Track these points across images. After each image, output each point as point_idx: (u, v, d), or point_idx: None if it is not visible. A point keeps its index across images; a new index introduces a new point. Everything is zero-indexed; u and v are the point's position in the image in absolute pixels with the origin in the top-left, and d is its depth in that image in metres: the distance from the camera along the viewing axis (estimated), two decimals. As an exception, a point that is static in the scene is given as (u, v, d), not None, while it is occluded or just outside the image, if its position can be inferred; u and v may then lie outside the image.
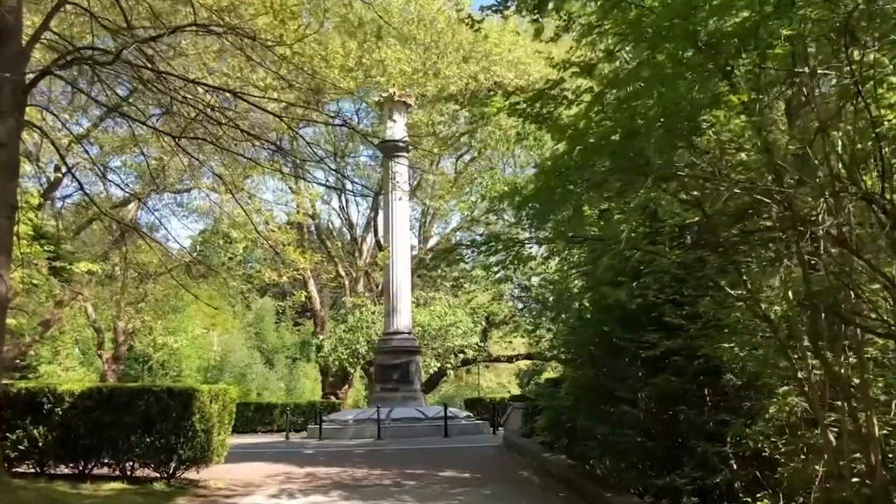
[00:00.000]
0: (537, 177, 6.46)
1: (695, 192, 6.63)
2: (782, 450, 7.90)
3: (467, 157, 33.58)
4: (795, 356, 6.84)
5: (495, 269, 9.98)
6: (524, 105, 6.69)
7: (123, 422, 10.50)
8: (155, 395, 10.56)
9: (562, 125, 5.55)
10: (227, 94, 9.82)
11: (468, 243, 8.30)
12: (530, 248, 8.28)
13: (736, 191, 5.38)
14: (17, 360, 39.23)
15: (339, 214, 38.80)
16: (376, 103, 25.15)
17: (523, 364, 49.34)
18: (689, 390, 9.13)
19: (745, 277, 6.79)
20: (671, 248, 7.37)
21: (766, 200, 5.26)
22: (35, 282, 18.71)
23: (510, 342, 36.97)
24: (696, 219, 7.19)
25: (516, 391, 55.04)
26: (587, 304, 10.13)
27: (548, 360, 33.63)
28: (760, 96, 4.75)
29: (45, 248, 16.86)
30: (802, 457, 7.68)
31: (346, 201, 37.43)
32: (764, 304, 7.06)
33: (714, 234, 6.82)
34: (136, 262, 26.15)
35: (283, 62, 8.29)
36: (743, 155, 5.63)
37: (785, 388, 8.16)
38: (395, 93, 23.79)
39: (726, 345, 7.68)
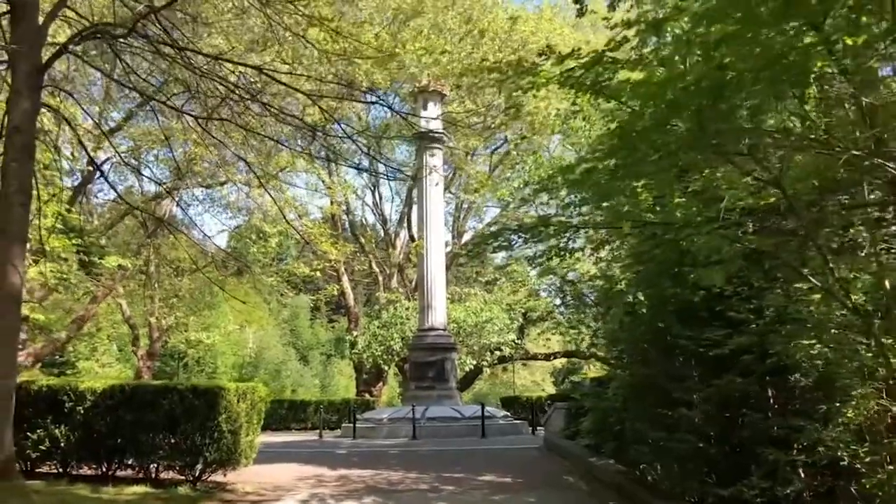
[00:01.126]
0: (607, 135, 5.66)
1: (773, 170, 5.85)
2: (866, 459, 7.08)
3: (503, 150, 32.89)
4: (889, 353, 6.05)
5: (539, 259, 9.28)
6: (580, 71, 5.95)
7: (147, 421, 9.99)
8: (179, 393, 10.02)
9: (634, 83, 4.78)
10: (254, 75, 9.21)
11: (515, 226, 7.65)
12: (586, 233, 7.52)
13: (855, 152, 4.56)
14: (56, 357, 39.66)
15: (372, 210, 38.47)
16: (410, 94, 24.60)
17: (558, 362, 48.55)
18: (752, 392, 8.36)
19: (830, 265, 5.98)
20: (744, 234, 6.58)
21: (885, 164, 4.46)
22: (65, 276, 18.46)
23: (548, 339, 36.12)
24: (772, 200, 6.40)
25: (551, 390, 54.30)
26: (641, 298, 9.33)
27: (587, 359, 32.85)
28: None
29: (73, 241, 16.50)
30: (889, 466, 6.88)
31: (380, 197, 37.08)
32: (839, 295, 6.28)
33: (796, 217, 6.01)
34: (169, 258, 25.98)
35: (309, 23, 7.62)
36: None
37: (862, 389, 7.39)
38: (429, 83, 23.22)
39: (806, 341, 6.85)
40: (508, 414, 24.63)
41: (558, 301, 28.17)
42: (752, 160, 6.07)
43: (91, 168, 21.56)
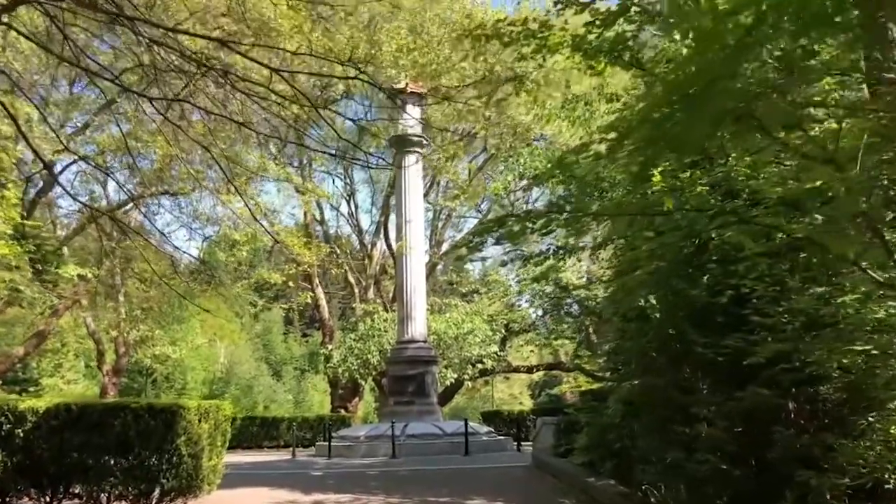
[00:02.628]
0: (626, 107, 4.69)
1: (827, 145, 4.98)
2: (919, 482, 6.23)
3: (481, 159, 32.10)
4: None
5: (537, 259, 8.37)
6: (598, 30, 5.05)
7: (96, 444, 8.84)
8: (133, 412, 8.89)
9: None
10: (216, 55, 8.20)
11: (522, 214, 6.75)
12: (599, 224, 6.58)
13: None
14: (19, 374, 38.06)
15: (348, 220, 37.37)
16: (387, 95, 23.66)
17: (536, 376, 47.72)
18: (777, 406, 7.51)
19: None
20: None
21: None
22: (17, 287, 17.19)
23: (532, 351, 35.13)
24: (818, 184, 5.51)
25: (529, 403, 53.41)
26: (653, 301, 8.41)
27: (570, 371, 31.92)
28: None
29: (25, 248, 15.22)
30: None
31: (356, 207, 36.03)
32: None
33: (852, 202, 5.12)
34: (136, 269, 24.75)
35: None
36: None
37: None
38: (407, 84, 22.35)
39: (859, 347, 5.98)
40: (492, 430, 23.56)
41: (541, 312, 27.20)
42: (795, 132, 5.21)
43: (46, 171, 20.44)
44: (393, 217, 30.67)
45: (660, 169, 6.82)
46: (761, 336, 7.04)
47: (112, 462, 8.89)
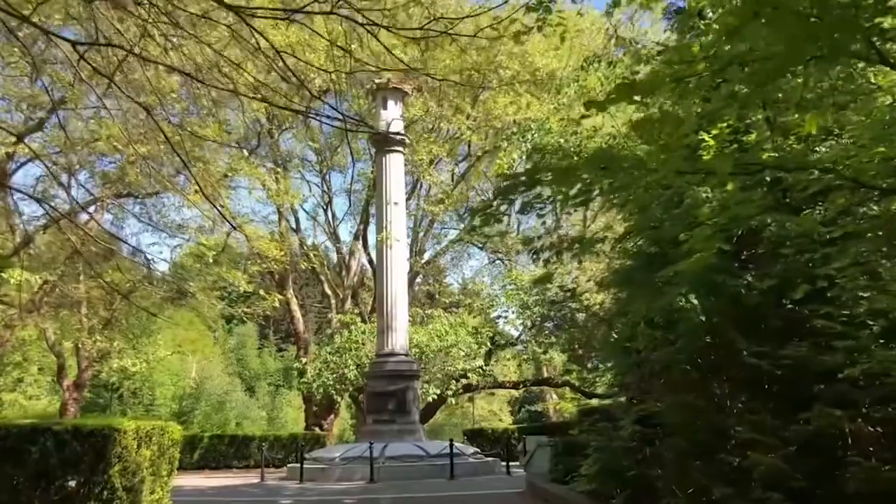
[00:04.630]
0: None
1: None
2: None
3: (463, 167, 30.86)
4: None
5: (547, 251, 7.02)
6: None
7: (9, 475, 7.24)
8: (55, 436, 7.29)
9: None
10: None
11: (562, 166, 5.55)
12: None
13: None
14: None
15: (325, 230, 35.69)
16: (368, 91, 22.36)
17: (517, 392, 46.31)
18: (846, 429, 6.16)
19: None
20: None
21: None
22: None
23: (520, 366, 33.57)
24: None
25: (509, 420, 51.87)
26: (695, 302, 6.98)
27: (558, 387, 30.51)
28: None
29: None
30: None
31: (333, 216, 34.37)
32: None
33: None
34: (100, 280, 23.10)
35: None
36: None
37: None
38: (388, 80, 21.04)
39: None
40: (478, 450, 21.96)
41: (529, 324, 25.73)
42: None
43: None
44: (372, 227, 29.26)
45: (715, 131, 5.46)
46: (838, 343, 5.68)
47: (29, 496, 7.28)
